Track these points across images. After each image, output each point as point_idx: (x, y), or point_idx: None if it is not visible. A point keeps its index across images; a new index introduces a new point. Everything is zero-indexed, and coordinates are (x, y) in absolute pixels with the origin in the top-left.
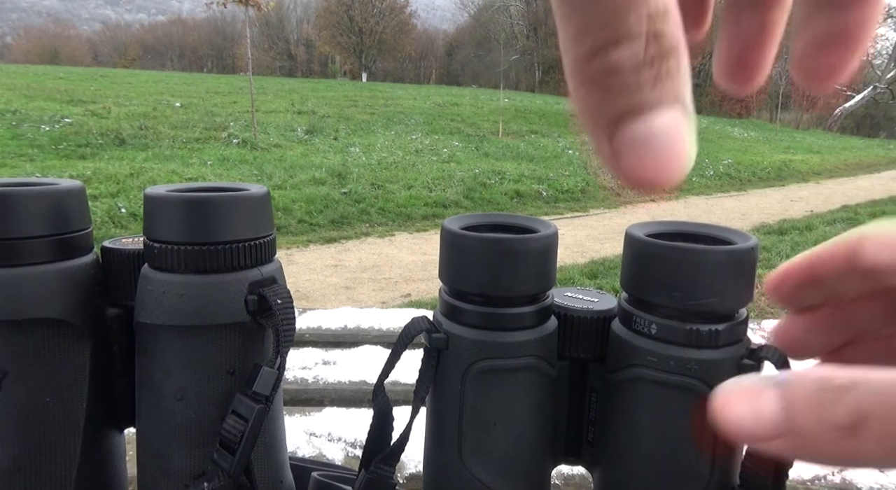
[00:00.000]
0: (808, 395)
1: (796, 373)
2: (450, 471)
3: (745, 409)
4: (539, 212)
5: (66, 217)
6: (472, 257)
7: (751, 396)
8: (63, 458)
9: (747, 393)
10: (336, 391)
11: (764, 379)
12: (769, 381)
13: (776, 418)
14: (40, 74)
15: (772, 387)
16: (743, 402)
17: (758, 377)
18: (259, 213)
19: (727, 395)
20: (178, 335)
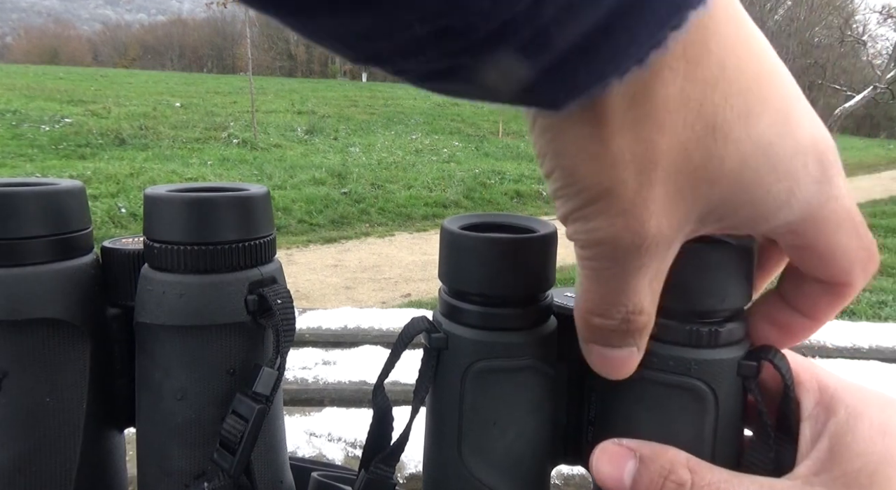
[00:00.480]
0: (652, 476)
1: (655, 452)
2: (449, 471)
3: (608, 471)
4: (539, 212)
5: (66, 217)
6: (471, 257)
7: (615, 461)
8: (63, 458)
9: (614, 457)
10: (336, 391)
11: (631, 448)
12: (634, 450)
13: (627, 482)
14: (40, 74)
15: (632, 459)
16: (608, 465)
17: (628, 445)
18: (259, 213)
19: (601, 454)
20: (178, 335)
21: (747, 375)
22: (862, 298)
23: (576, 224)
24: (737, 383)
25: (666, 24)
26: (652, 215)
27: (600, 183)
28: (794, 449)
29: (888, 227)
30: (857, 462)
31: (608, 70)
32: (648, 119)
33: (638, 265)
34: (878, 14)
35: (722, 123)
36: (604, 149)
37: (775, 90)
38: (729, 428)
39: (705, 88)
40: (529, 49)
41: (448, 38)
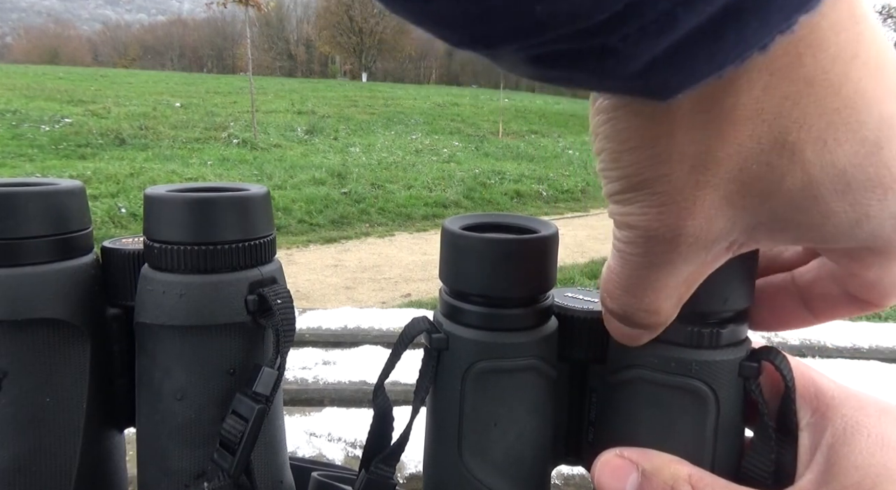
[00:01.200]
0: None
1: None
2: (450, 471)
3: (610, 484)
4: (539, 212)
5: (66, 217)
6: (472, 257)
7: (617, 474)
8: (63, 458)
9: (616, 470)
10: (336, 391)
11: (635, 460)
12: (637, 463)
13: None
14: (40, 74)
15: (634, 472)
16: (610, 478)
17: (631, 457)
18: (259, 213)
19: (602, 467)
20: (178, 335)
21: (748, 376)
22: None
23: (615, 205)
24: (738, 384)
25: (800, 9)
26: (693, 215)
27: (644, 173)
28: (795, 450)
29: None
30: (856, 475)
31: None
32: (713, 123)
33: (666, 261)
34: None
35: (794, 142)
36: (660, 143)
37: (874, 116)
38: (730, 429)
39: (783, 103)
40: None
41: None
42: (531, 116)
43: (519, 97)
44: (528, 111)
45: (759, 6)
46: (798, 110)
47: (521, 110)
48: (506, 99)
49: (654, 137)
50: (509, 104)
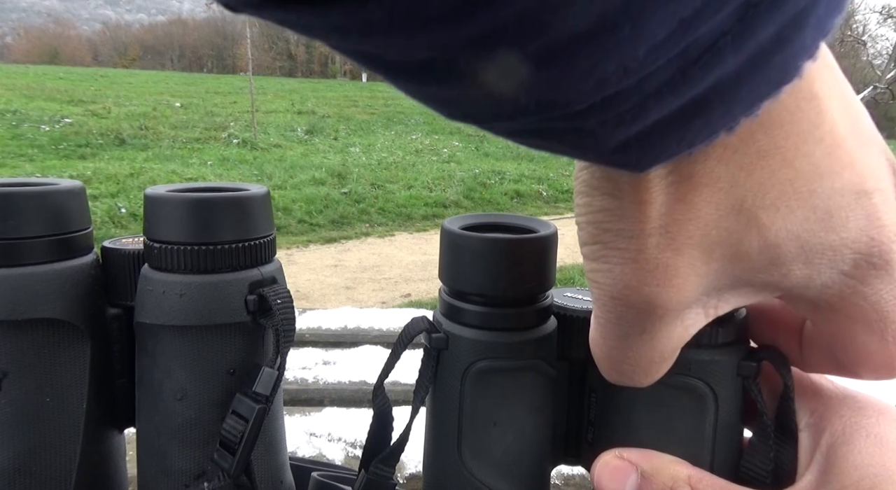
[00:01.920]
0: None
1: (659, 466)
2: (449, 471)
3: (611, 484)
4: (539, 212)
5: (66, 217)
6: (471, 257)
7: (616, 476)
8: (63, 458)
9: (615, 472)
10: (336, 391)
11: (634, 461)
12: (636, 465)
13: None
14: (40, 74)
15: (633, 473)
16: (609, 479)
17: (630, 457)
18: (259, 213)
19: (602, 468)
20: (178, 335)
21: (747, 376)
22: None
23: (585, 261)
24: (737, 384)
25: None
26: (657, 279)
27: (611, 225)
28: (795, 450)
29: None
30: (855, 475)
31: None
32: (675, 187)
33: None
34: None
35: (749, 208)
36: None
37: (826, 189)
38: (729, 428)
39: (738, 173)
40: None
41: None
42: None
43: None
44: None
45: (726, 98)
46: (752, 180)
47: None
48: None
49: (622, 193)
50: None
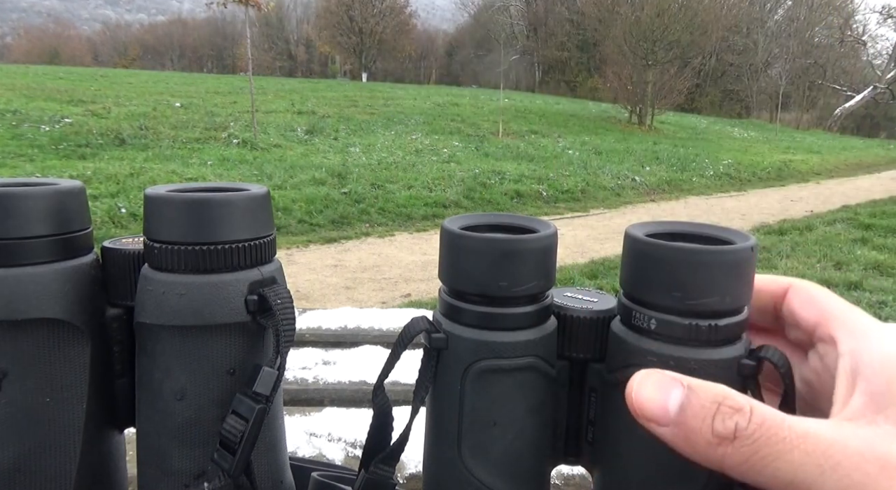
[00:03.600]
0: (704, 403)
1: (703, 383)
2: (449, 471)
3: (652, 396)
4: (539, 212)
5: (66, 217)
6: (472, 257)
7: (660, 387)
8: (63, 458)
9: (659, 383)
10: (336, 391)
11: (677, 378)
12: (680, 380)
13: (672, 410)
14: (40, 74)
15: (679, 386)
16: (652, 390)
17: (672, 375)
18: (259, 213)
19: (643, 380)
20: (178, 335)
21: (747, 375)
22: (862, 298)
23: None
24: (736, 383)
25: None
26: None
27: None
28: None
29: (888, 227)
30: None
31: None
32: None
33: None
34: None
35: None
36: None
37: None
38: None
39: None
40: None
41: None
42: (531, 116)
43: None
44: (528, 111)
45: None
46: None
47: (521, 110)
48: (506, 99)
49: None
50: (509, 104)
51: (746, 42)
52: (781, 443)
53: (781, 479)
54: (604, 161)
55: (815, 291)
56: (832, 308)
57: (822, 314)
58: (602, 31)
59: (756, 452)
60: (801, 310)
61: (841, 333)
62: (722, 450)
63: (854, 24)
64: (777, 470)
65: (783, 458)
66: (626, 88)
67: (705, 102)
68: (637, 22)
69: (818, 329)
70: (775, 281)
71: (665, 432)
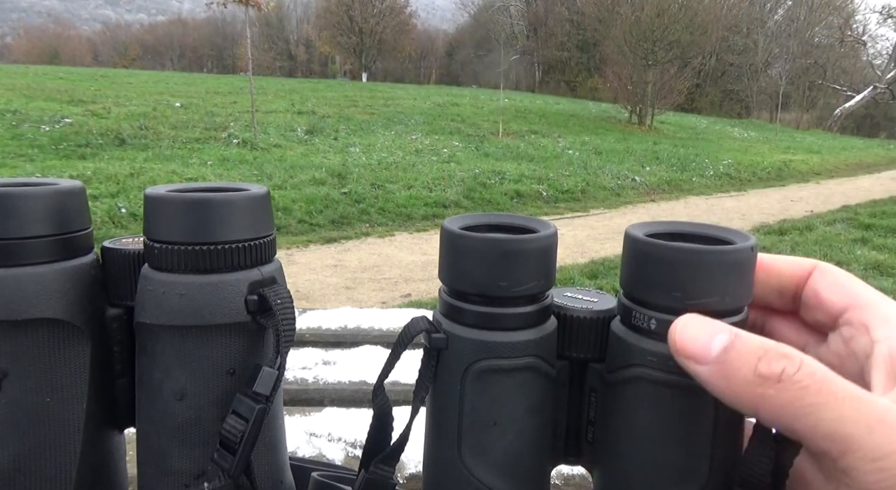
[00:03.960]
0: (750, 347)
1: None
2: (449, 471)
3: (696, 335)
4: (539, 212)
5: (66, 217)
6: (472, 257)
7: (708, 328)
8: (63, 458)
9: (704, 325)
10: (336, 391)
11: (724, 325)
12: (729, 328)
13: (715, 350)
14: (40, 74)
15: (727, 330)
16: (699, 328)
17: (720, 322)
18: (259, 213)
19: (689, 321)
20: (178, 335)
21: None
22: None
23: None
24: None
25: None
26: None
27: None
28: (794, 450)
29: (888, 227)
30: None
31: None
32: None
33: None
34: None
35: None
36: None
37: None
38: (728, 427)
39: None
40: None
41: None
42: (531, 116)
43: (519, 97)
44: (528, 111)
45: None
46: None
47: (521, 110)
48: (506, 99)
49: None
50: (509, 104)
51: (746, 42)
52: (832, 396)
53: (822, 429)
54: (604, 161)
55: (841, 275)
56: (862, 293)
57: (852, 299)
58: (602, 31)
59: (801, 399)
60: (828, 292)
61: (874, 320)
62: (762, 390)
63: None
64: (820, 420)
65: (831, 409)
66: (626, 88)
67: (705, 102)
68: (637, 22)
69: (847, 313)
70: (798, 262)
71: (703, 371)
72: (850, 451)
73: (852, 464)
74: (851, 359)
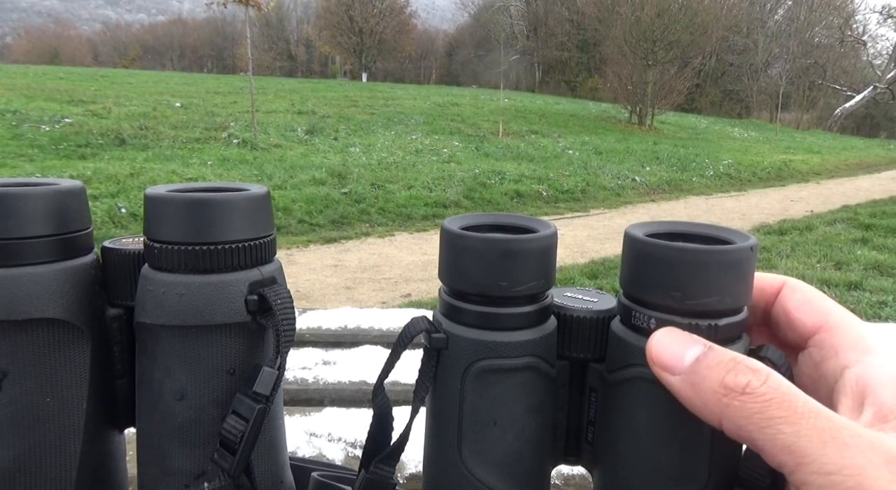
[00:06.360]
0: (721, 358)
1: (724, 349)
2: (449, 471)
3: (670, 346)
4: (539, 212)
5: (66, 217)
6: (472, 257)
7: (681, 341)
8: (63, 458)
9: (680, 338)
10: (336, 391)
11: (700, 338)
12: (703, 341)
13: (687, 361)
14: (40, 74)
15: (701, 343)
16: (672, 341)
17: (696, 336)
18: (259, 213)
19: (666, 333)
20: (178, 335)
21: None
22: (862, 298)
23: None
24: None
25: None
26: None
27: None
28: None
29: (888, 228)
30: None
31: None
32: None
33: None
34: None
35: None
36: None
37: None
38: None
39: None
40: None
41: None
42: (531, 116)
43: (519, 97)
44: (528, 111)
45: None
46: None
47: (521, 110)
48: (506, 99)
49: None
50: (509, 104)
51: (746, 42)
52: (792, 411)
53: (780, 442)
54: (604, 161)
55: (811, 293)
56: (832, 313)
57: (822, 319)
58: (602, 31)
59: (763, 412)
60: (798, 312)
61: (844, 345)
62: (727, 401)
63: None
64: (779, 432)
65: (790, 424)
66: (626, 88)
67: (705, 102)
68: (637, 22)
69: (818, 335)
70: (767, 279)
71: (674, 381)
72: (803, 465)
73: (806, 478)
74: (821, 381)
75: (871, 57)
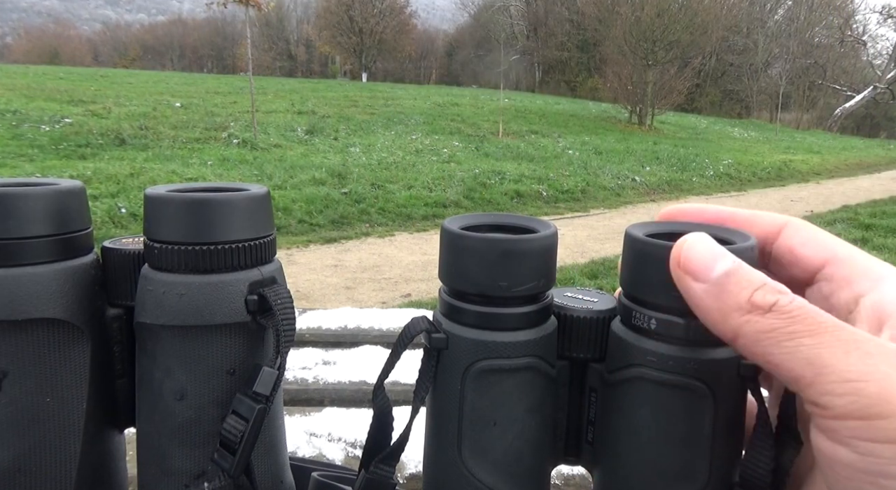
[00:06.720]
0: (751, 277)
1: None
2: (450, 471)
3: (702, 253)
4: (539, 212)
5: (66, 217)
6: (472, 257)
7: (715, 250)
8: (63, 458)
9: (715, 247)
10: (336, 391)
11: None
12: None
13: (716, 271)
14: (40, 74)
15: (731, 257)
16: (706, 248)
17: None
18: (259, 213)
19: (699, 238)
20: (178, 335)
21: (747, 376)
22: None
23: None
24: (736, 383)
25: None
26: None
27: None
28: (795, 450)
29: (888, 228)
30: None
31: None
32: None
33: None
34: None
35: None
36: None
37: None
38: (728, 427)
39: None
40: None
41: None
42: (531, 116)
43: (519, 97)
44: (528, 111)
45: None
46: None
47: (521, 110)
48: (506, 99)
49: None
50: (509, 104)
51: (746, 42)
52: (817, 325)
53: (801, 354)
54: (604, 161)
55: (815, 230)
56: (839, 248)
57: (830, 254)
58: (602, 31)
59: (788, 326)
60: (803, 249)
61: (855, 275)
62: (749, 317)
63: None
64: (800, 345)
65: (813, 336)
66: (626, 88)
67: (705, 102)
68: (637, 22)
69: (826, 268)
70: (769, 218)
71: (697, 289)
72: (823, 374)
73: (825, 387)
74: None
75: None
